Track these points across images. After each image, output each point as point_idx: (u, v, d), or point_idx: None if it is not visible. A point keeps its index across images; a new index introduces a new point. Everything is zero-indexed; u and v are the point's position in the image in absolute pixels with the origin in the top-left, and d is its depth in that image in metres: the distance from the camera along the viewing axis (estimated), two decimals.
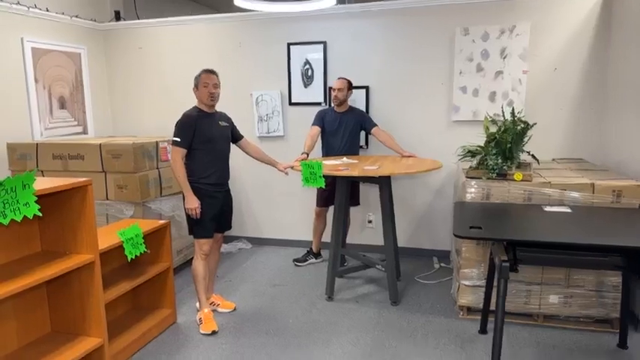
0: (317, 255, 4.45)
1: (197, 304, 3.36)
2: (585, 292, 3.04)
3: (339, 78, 4.03)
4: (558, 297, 3.08)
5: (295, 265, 4.35)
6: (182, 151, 3.04)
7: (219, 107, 3.26)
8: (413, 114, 4.37)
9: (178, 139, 3.03)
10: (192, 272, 3.24)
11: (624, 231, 2.46)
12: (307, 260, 4.41)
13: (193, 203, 3.05)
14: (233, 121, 3.37)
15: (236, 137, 3.38)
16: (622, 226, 2.53)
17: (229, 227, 3.40)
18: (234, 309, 3.45)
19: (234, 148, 3.36)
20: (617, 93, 3.65)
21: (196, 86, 3.12)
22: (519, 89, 4.04)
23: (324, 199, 4.12)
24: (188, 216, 3.12)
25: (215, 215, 3.18)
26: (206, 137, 3.09)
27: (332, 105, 4.11)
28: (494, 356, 2.42)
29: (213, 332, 3.11)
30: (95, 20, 5.02)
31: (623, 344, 2.86)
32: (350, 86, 4.03)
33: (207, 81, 3.09)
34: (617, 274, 2.97)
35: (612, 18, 3.77)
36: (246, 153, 3.48)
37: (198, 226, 3.14)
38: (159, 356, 2.86)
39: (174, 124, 3.07)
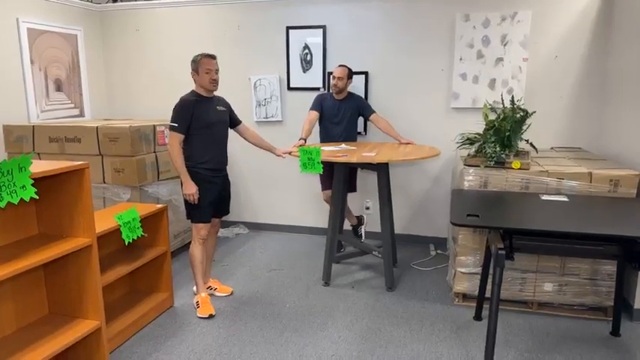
0: (358, 225, 4.46)
1: (194, 288, 3.37)
2: (580, 280, 3.07)
3: (339, 65, 3.97)
4: (553, 285, 3.11)
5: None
6: (180, 137, 3.02)
7: (217, 91, 3.22)
8: (412, 100, 4.35)
9: (176, 125, 3.00)
10: (190, 257, 3.25)
11: (621, 220, 2.47)
12: (359, 233, 4.45)
13: (191, 189, 3.05)
14: (231, 105, 3.33)
15: (234, 122, 3.36)
16: (619, 216, 2.54)
17: (227, 212, 3.40)
18: (232, 293, 3.47)
19: (232, 134, 3.34)
20: (616, 82, 3.63)
21: (196, 71, 3.06)
22: (519, 77, 4.02)
23: (330, 181, 3.92)
24: (186, 201, 3.12)
25: (213, 200, 3.18)
26: (204, 122, 3.06)
27: (331, 91, 4.08)
28: (488, 342, 2.44)
29: (210, 316, 3.13)
30: (92, 1, 4.95)
31: (616, 332, 2.89)
32: (350, 75, 3.99)
33: (209, 67, 3.03)
34: (611, 263, 2.99)
35: (613, 7, 3.74)
36: (244, 138, 3.45)
37: (195, 211, 3.14)
38: (156, 339, 2.88)
39: (172, 109, 3.03)
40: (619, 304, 2.87)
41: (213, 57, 3.09)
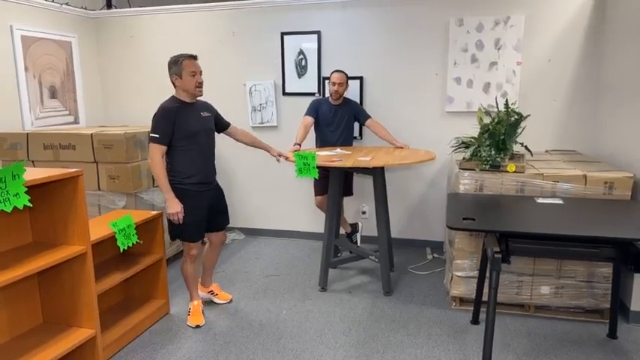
0: (353, 233, 4.41)
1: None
2: (576, 282, 3.07)
3: (337, 71, 3.93)
4: (549, 288, 3.11)
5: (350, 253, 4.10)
6: (162, 148, 2.78)
7: (210, 97, 3.18)
8: (407, 105, 4.36)
9: (157, 135, 2.75)
10: (182, 273, 3.15)
11: (616, 222, 2.47)
12: (354, 241, 4.38)
13: (175, 207, 2.82)
14: (220, 110, 3.17)
15: (222, 126, 3.17)
16: (613, 218, 2.55)
17: (227, 223, 3.24)
18: (231, 301, 3.43)
19: (222, 138, 3.25)
20: (610, 85, 3.66)
21: (179, 75, 2.83)
22: (513, 80, 4.04)
23: (324, 187, 3.95)
24: (170, 220, 2.89)
25: (202, 217, 2.99)
26: (187, 131, 2.83)
27: (327, 96, 4.08)
28: (485, 346, 2.44)
29: (197, 326, 3.07)
30: (86, 8, 4.94)
31: (613, 334, 2.89)
32: (347, 80, 3.98)
33: (194, 69, 2.83)
34: (607, 266, 3.00)
35: (606, 10, 3.76)
36: (237, 140, 3.28)
37: (182, 231, 2.94)
38: (152, 347, 2.86)
39: (152, 118, 2.80)
40: (615, 306, 2.87)
41: (195, 57, 2.88)
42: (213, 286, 3.42)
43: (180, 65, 2.82)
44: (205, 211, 3.00)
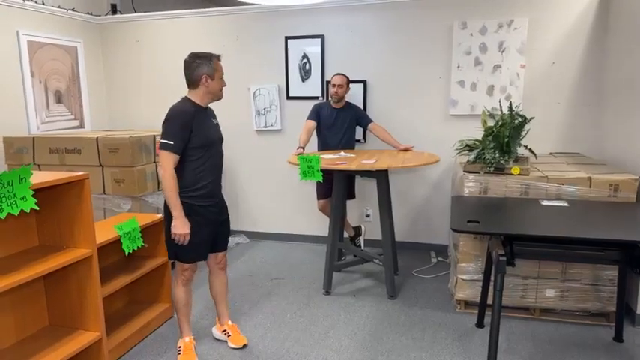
0: (356, 236, 4.40)
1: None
2: (581, 285, 3.06)
3: (338, 74, 3.98)
4: (554, 291, 3.10)
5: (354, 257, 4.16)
6: (175, 158, 2.38)
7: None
8: (411, 108, 4.37)
9: (170, 142, 2.35)
10: (173, 298, 2.74)
11: (621, 225, 2.47)
12: (357, 244, 4.37)
13: (183, 228, 2.43)
14: (224, 114, 3.01)
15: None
16: (619, 220, 2.54)
17: (226, 243, 2.90)
18: (244, 346, 2.87)
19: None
20: (614, 87, 3.65)
21: (210, 75, 2.47)
22: (517, 83, 4.04)
23: (326, 190, 3.98)
24: (169, 238, 2.51)
25: (208, 234, 2.63)
26: (205, 140, 2.47)
27: (329, 99, 4.10)
28: (490, 350, 2.43)
29: None
30: (91, 13, 4.98)
31: (618, 338, 2.88)
32: (348, 82, 4.00)
33: (222, 71, 2.56)
34: (613, 268, 2.99)
35: (610, 12, 3.76)
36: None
37: (183, 250, 2.54)
38: (157, 350, 2.87)
39: (164, 121, 2.43)
40: (621, 309, 2.86)
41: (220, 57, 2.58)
42: (229, 325, 2.95)
43: (213, 66, 2.49)
44: (211, 228, 2.64)
